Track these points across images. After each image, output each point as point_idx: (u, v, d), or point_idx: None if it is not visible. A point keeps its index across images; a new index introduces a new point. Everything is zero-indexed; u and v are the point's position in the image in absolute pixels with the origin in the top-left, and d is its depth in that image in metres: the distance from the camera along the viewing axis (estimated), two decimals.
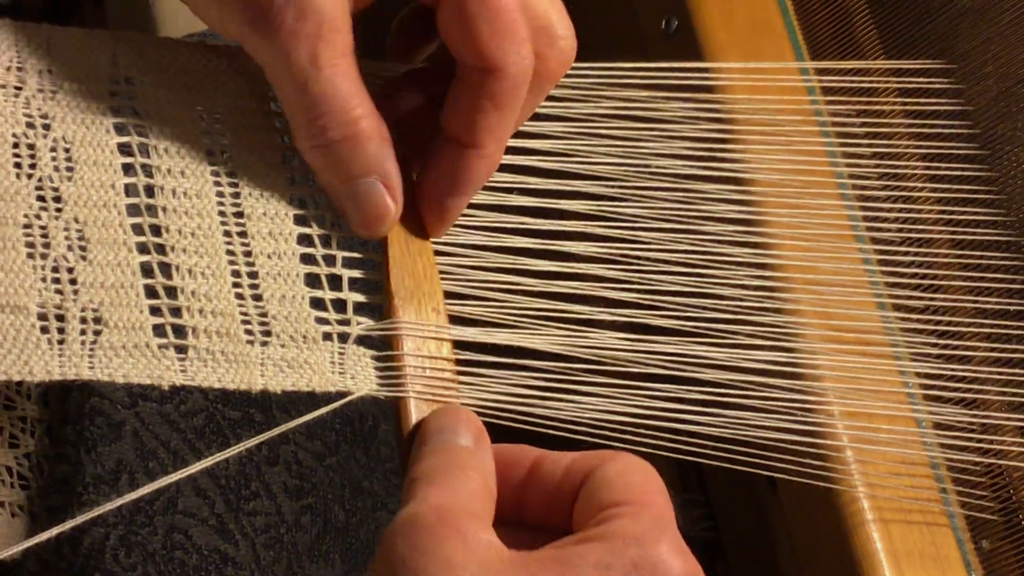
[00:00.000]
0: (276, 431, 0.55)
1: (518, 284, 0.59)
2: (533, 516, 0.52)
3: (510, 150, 0.61)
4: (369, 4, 0.55)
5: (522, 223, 0.60)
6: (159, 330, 0.54)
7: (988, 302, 0.67)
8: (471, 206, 0.59)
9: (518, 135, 0.62)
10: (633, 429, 0.57)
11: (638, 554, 0.47)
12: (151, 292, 0.54)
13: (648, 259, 0.61)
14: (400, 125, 0.56)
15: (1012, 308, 0.67)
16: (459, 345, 0.56)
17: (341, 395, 0.55)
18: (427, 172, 0.57)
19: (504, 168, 0.61)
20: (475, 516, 0.49)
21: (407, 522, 0.48)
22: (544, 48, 0.55)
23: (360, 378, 0.55)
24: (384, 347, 0.56)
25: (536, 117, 0.62)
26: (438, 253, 0.59)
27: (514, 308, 0.58)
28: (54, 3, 1.32)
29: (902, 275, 0.67)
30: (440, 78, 0.57)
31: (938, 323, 0.67)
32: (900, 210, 0.68)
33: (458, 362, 0.56)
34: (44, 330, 0.52)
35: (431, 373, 0.56)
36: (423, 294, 0.57)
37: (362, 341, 0.56)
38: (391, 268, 0.56)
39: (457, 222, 0.58)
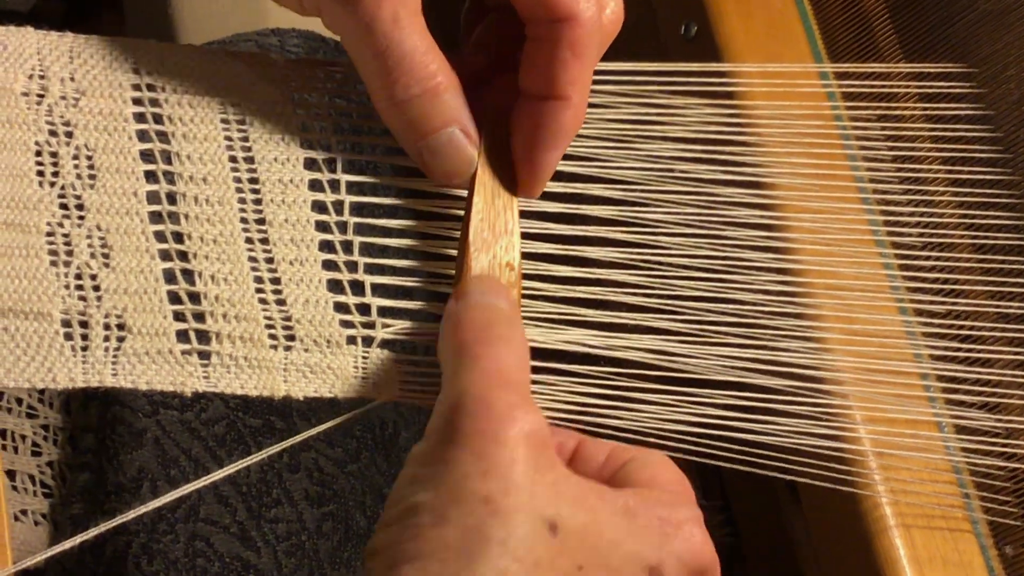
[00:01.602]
0: (298, 438, 0.55)
1: (540, 290, 0.59)
2: None
3: None
4: None
5: (544, 228, 0.60)
6: (182, 336, 0.54)
7: (1010, 306, 0.67)
8: None
9: None
10: (655, 431, 0.57)
11: (665, 514, 0.50)
12: (174, 298, 0.54)
13: (669, 264, 0.61)
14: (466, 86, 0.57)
15: None
16: None
17: (363, 401, 0.55)
18: (514, 134, 0.57)
19: None
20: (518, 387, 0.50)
21: (463, 393, 0.49)
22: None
23: (383, 384, 0.55)
24: (407, 351, 0.56)
25: None
26: None
27: (536, 313, 0.58)
28: (73, 10, 1.32)
29: (923, 279, 0.67)
30: (499, 42, 0.58)
31: (960, 327, 0.67)
32: (921, 214, 0.68)
33: None
34: (68, 337, 0.52)
35: None
36: (500, 248, 0.56)
37: (385, 346, 0.56)
38: (472, 216, 0.56)
39: None
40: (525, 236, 0.59)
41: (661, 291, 0.60)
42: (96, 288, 0.53)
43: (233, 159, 0.57)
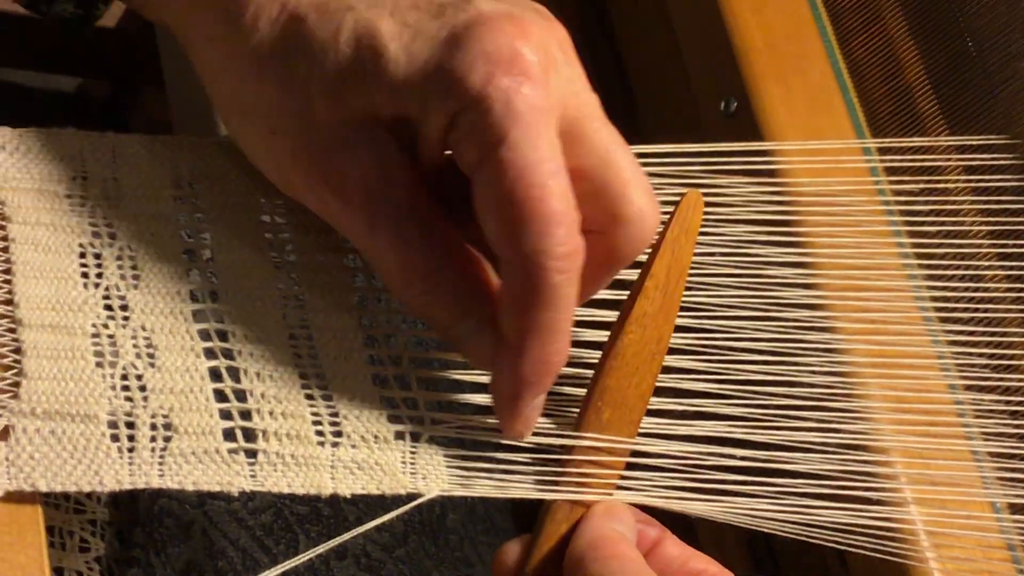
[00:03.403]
0: (345, 537, 0.55)
1: (585, 377, 0.58)
2: None
3: None
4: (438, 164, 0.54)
5: (592, 315, 0.60)
6: (229, 434, 0.54)
7: None
8: None
9: None
10: (708, 499, 0.57)
11: None
12: (220, 396, 0.54)
13: (717, 347, 0.60)
14: None
15: None
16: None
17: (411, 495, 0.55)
18: (493, 375, 0.55)
19: None
20: None
21: None
22: (610, 225, 0.54)
23: (431, 478, 0.55)
24: (455, 445, 0.56)
25: None
26: None
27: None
28: (118, 88, 1.34)
29: (973, 355, 0.66)
30: None
31: (1010, 402, 0.66)
32: (968, 288, 0.68)
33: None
34: (114, 438, 0.52)
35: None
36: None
37: (433, 440, 0.56)
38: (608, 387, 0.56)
39: None
40: (578, 324, 0.58)
41: (710, 376, 0.60)
42: (142, 388, 0.53)
43: (274, 253, 0.57)
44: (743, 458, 0.58)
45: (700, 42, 0.58)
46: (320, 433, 0.55)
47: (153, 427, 0.53)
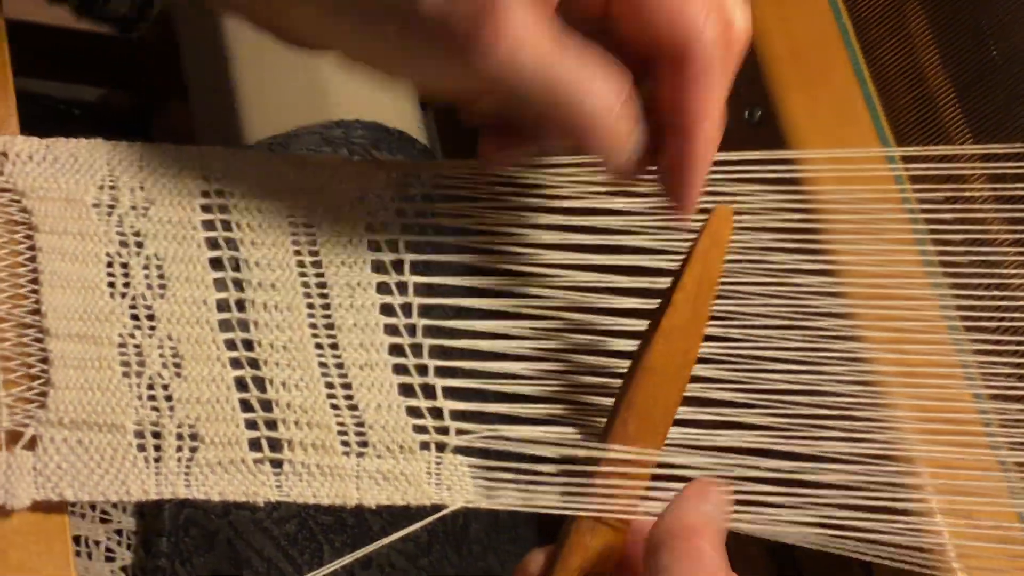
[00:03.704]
0: (370, 548, 0.55)
1: (613, 387, 0.58)
2: None
3: (598, 249, 0.61)
4: None
5: (616, 324, 0.60)
6: (255, 445, 0.54)
7: None
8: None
9: (608, 232, 0.62)
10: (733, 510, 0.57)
11: None
12: (246, 406, 0.54)
13: (742, 356, 0.60)
14: None
15: None
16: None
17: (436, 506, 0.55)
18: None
19: (592, 268, 0.61)
20: None
21: None
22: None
23: (456, 488, 0.55)
24: (481, 456, 0.56)
25: (624, 212, 0.62)
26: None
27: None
28: (140, 100, 1.34)
29: (998, 364, 0.66)
30: None
31: None
32: (994, 297, 0.67)
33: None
34: (141, 448, 0.53)
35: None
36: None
37: (458, 451, 0.56)
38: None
39: None
40: (607, 334, 0.58)
41: (736, 385, 0.60)
42: (168, 398, 0.54)
43: (301, 263, 0.57)
44: (768, 468, 0.58)
45: None
46: (346, 443, 0.55)
47: (179, 437, 0.53)
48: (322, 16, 0.53)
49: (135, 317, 0.55)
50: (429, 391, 0.57)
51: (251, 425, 0.54)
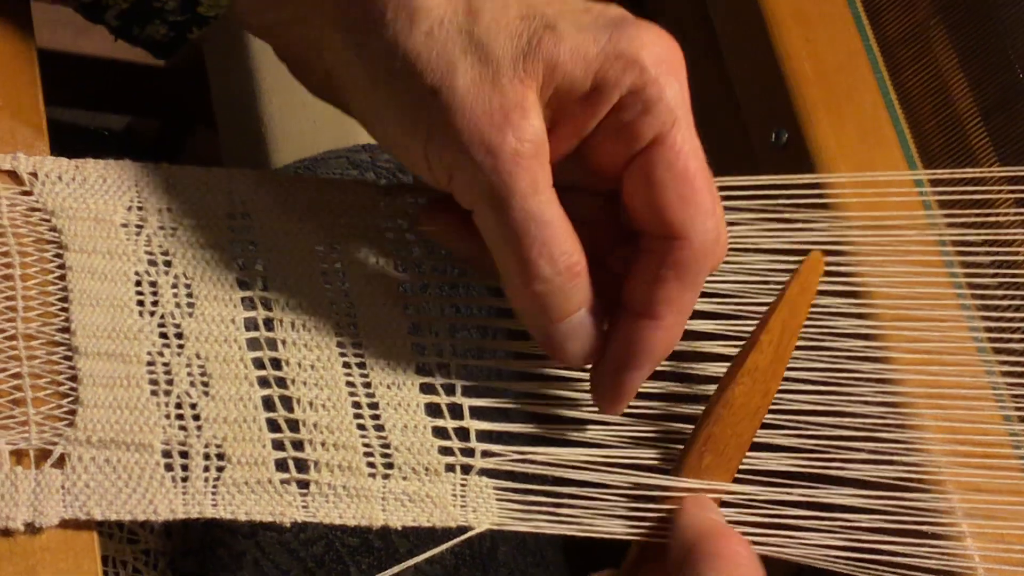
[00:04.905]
0: (396, 569, 0.55)
1: (637, 408, 0.58)
2: None
3: None
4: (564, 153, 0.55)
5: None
6: (281, 465, 0.54)
7: None
8: None
9: None
10: (761, 533, 0.57)
11: None
12: (273, 426, 0.54)
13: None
14: None
15: None
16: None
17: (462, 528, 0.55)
18: (606, 347, 0.55)
19: None
20: None
21: None
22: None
23: (482, 511, 0.55)
24: (506, 478, 0.56)
25: None
26: None
27: (636, 432, 0.58)
28: (167, 127, 1.35)
29: None
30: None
31: None
32: (1022, 319, 0.67)
33: None
34: (168, 467, 0.53)
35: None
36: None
37: (483, 472, 0.56)
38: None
39: None
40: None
41: (775, 406, 0.59)
42: (196, 417, 0.54)
43: (327, 282, 0.58)
44: (795, 490, 0.58)
45: (750, 72, 0.58)
46: (372, 464, 0.55)
47: (207, 457, 0.53)
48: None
49: (163, 336, 0.55)
50: (456, 411, 0.57)
51: (278, 445, 0.54)
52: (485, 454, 0.56)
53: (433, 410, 0.56)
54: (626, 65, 0.52)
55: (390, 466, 0.55)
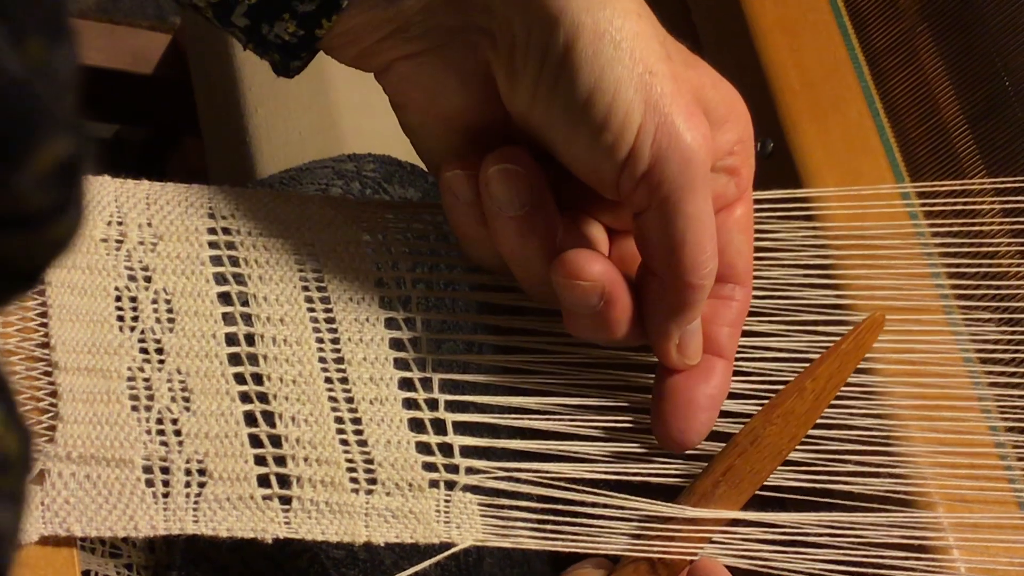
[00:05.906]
0: None
1: (643, 421, 0.58)
2: None
3: None
4: None
5: (624, 357, 0.59)
6: (263, 481, 0.53)
7: None
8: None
9: None
10: (746, 548, 0.56)
11: None
12: (255, 441, 0.54)
13: (757, 391, 0.60)
14: None
15: None
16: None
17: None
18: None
19: None
20: None
21: None
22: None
23: (466, 527, 0.55)
24: (490, 494, 0.55)
25: None
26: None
27: (621, 448, 0.58)
28: (154, 136, 1.34)
29: (1014, 396, 0.65)
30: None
31: None
32: (1009, 332, 0.67)
33: None
34: (149, 483, 0.52)
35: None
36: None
37: (467, 488, 0.55)
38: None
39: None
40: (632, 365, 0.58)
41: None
42: (177, 433, 0.53)
43: (309, 299, 0.57)
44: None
45: (736, 82, 0.57)
46: (355, 480, 0.54)
47: (188, 472, 0.53)
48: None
49: (144, 351, 0.54)
50: (439, 426, 0.56)
51: (260, 461, 0.54)
52: (469, 470, 0.56)
53: (417, 425, 0.56)
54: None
55: (373, 482, 0.55)
